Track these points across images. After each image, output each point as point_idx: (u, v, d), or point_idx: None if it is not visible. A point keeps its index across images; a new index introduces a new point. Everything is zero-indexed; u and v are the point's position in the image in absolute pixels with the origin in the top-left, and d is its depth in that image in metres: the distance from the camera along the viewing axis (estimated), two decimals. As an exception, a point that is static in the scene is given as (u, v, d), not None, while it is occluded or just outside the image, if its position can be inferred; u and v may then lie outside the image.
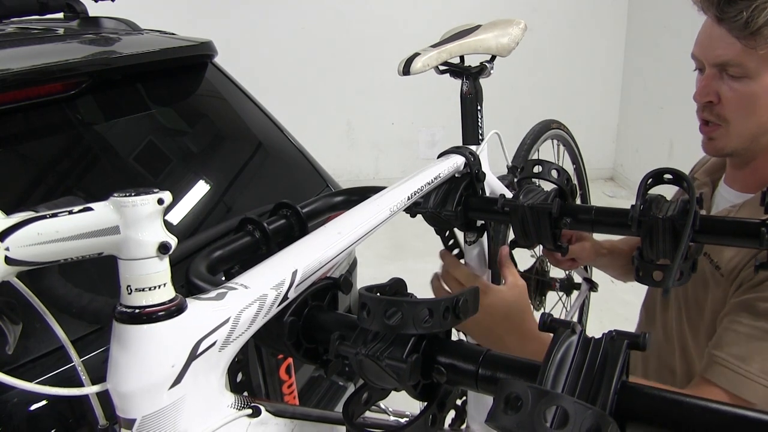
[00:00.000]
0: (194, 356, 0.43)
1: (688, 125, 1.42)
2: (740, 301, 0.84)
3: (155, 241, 0.40)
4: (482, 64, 1.05)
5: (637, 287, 1.00)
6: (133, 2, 1.90)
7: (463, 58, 1.04)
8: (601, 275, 1.37)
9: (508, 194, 0.98)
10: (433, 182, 0.80)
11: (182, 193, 1.21)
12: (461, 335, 1.00)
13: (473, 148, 0.91)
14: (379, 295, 0.48)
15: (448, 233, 0.96)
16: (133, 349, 0.41)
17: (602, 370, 0.41)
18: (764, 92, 0.83)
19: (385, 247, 3.58)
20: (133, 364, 0.41)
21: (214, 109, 1.46)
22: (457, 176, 0.88)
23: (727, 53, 0.83)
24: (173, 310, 0.42)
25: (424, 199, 0.85)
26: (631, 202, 0.79)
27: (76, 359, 0.51)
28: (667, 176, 0.76)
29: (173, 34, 1.49)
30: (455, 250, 0.98)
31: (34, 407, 0.83)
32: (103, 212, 0.40)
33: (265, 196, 1.38)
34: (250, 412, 0.50)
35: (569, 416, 0.35)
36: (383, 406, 1.51)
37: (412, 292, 0.54)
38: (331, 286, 0.58)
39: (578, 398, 0.38)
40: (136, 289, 0.40)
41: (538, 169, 0.95)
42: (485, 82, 1.07)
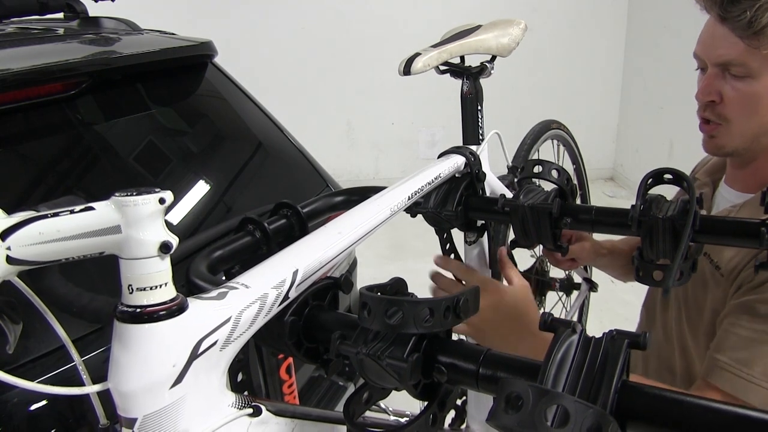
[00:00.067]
0: (195, 355, 0.43)
1: (688, 125, 1.42)
2: (740, 302, 0.84)
3: (156, 240, 0.40)
4: (482, 64, 1.05)
5: (637, 287, 1.00)
6: (133, 2, 1.90)
7: (463, 58, 1.04)
8: (601, 275, 1.37)
9: (508, 194, 0.98)
10: (433, 182, 0.80)
11: (183, 192, 1.21)
12: (461, 335, 1.00)
13: (473, 148, 0.91)
14: (379, 294, 0.48)
15: (445, 236, 0.96)
16: (134, 348, 0.41)
17: (603, 369, 0.41)
18: (767, 92, 0.83)
19: (385, 247, 3.58)
20: (134, 363, 0.41)
21: (214, 109, 1.46)
22: (457, 176, 0.88)
23: (729, 53, 0.83)
24: (174, 309, 0.42)
25: (424, 199, 0.86)
26: (631, 202, 0.79)
27: (77, 358, 0.51)
28: (667, 176, 0.76)
29: (173, 34, 1.49)
30: (451, 255, 0.98)
31: (34, 407, 0.83)
32: (104, 212, 0.40)
33: (265, 196, 1.38)
34: (250, 411, 0.50)
35: (570, 415, 0.35)
36: (384, 405, 1.51)
37: (412, 291, 0.54)
38: (331, 285, 0.58)
39: (579, 397, 0.38)
40: (137, 288, 0.40)
41: (538, 169, 0.95)
42: (485, 82, 1.07)
